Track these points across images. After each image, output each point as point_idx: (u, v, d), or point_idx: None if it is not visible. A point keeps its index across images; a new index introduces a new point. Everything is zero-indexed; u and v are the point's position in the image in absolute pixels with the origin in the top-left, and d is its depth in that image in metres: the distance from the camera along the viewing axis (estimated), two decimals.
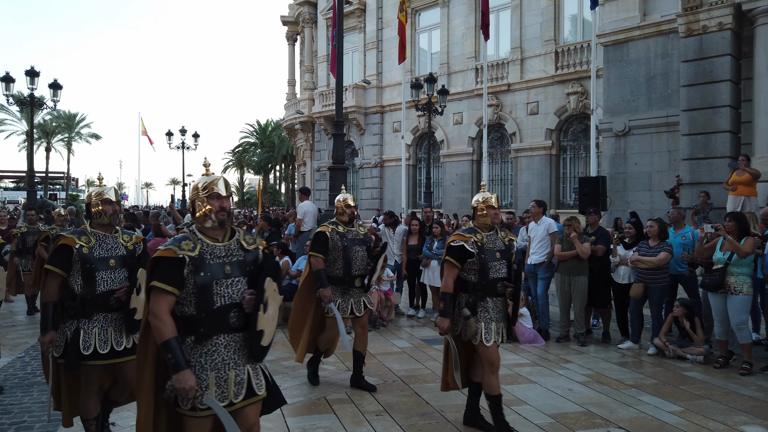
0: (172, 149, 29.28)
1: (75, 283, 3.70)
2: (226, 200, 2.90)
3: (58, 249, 3.71)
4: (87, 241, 3.73)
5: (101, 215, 3.80)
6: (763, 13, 11.02)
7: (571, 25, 18.53)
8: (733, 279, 6.08)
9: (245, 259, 2.95)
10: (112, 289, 3.73)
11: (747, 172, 9.77)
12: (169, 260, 2.76)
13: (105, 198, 3.81)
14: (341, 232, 5.43)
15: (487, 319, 4.26)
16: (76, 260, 3.69)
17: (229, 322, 2.83)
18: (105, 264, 3.74)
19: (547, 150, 18.51)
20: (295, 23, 29.85)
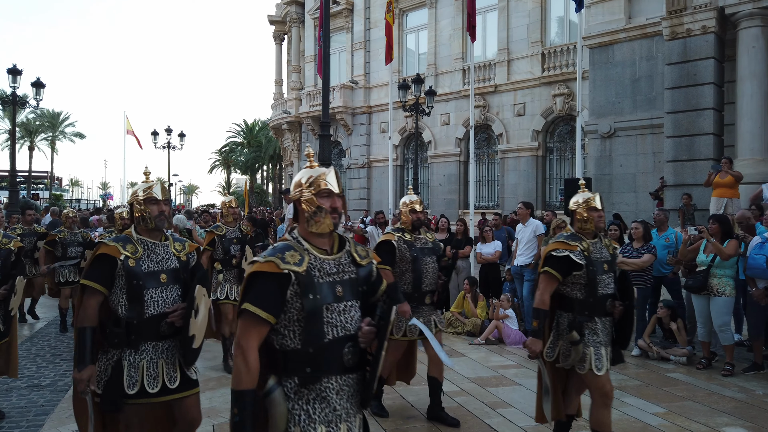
0: (157, 149, 29.03)
1: (118, 303, 3.00)
2: (337, 198, 2.28)
3: (98, 260, 3.03)
4: (133, 250, 3.04)
5: (145, 218, 3.15)
6: (746, 16, 11.14)
7: (557, 27, 18.63)
8: (716, 281, 6.14)
9: (357, 277, 2.30)
10: (163, 312, 3.03)
11: (730, 175, 9.87)
12: (269, 277, 2.12)
13: (150, 196, 3.16)
14: (409, 241, 4.70)
15: (596, 343, 3.60)
16: (120, 275, 2.99)
17: (343, 360, 2.18)
18: (155, 280, 3.04)
19: (534, 151, 18.59)
20: (282, 23, 29.72)
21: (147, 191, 3.17)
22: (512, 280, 8.32)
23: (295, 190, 2.31)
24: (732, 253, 6.06)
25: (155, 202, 3.15)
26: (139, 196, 3.17)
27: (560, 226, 7.46)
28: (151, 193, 3.17)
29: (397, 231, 4.78)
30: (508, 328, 7.52)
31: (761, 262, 5.87)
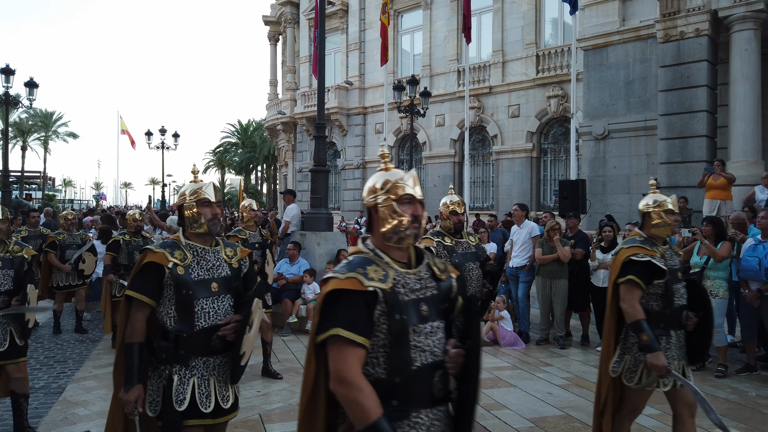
0: (151, 149, 28.93)
1: (166, 315, 2.76)
2: (418, 205, 2.05)
3: (145, 269, 2.76)
4: (182, 257, 2.78)
5: (197, 221, 2.85)
6: (738, 19, 11.22)
7: (551, 28, 18.69)
8: (709, 282, 6.17)
9: (439, 294, 2.03)
10: (215, 324, 2.77)
11: (722, 177, 9.94)
12: (354, 296, 1.86)
13: (202, 198, 2.87)
14: (450, 246, 4.31)
15: (670, 358, 3.31)
16: (168, 284, 2.74)
17: (433, 390, 1.93)
18: (206, 289, 2.78)
19: (528, 153, 18.64)
20: (277, 23, 29.68)
21: (198, 192, 2.89)
22: (507, 281, 8.34)
23: (369, 196, 2.06)
24: (725, 255, 6.10)
25: (208, 204, 2.87)
26: (187, 198, 2.89)
27: (554, 228, 7.51)
28: (203, 194, 2.88)
29: (436, 235, 4.35)
30: (503, 329, 7.54)
31: (754, 264, 5.91)
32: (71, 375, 6.10)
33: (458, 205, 4.40)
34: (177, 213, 2.99)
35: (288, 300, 8.23)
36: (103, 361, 6.67)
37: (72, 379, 5.93)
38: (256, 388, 5.65)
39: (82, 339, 7.81)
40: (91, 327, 8.58)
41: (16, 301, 4.21)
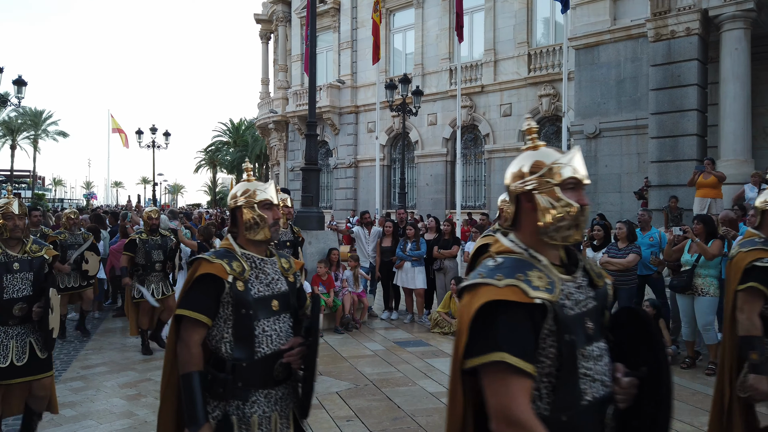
0: (142, 148, 28.73)
1: (221, 339, 2.30)
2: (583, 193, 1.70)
3: (201, 282, 2.30)
4: (240, 269, 2.32)
5: (256, 226, 2.41)
6: (728, 19, 11.28)
7: (543, 28, 18.73)
8: (700, 281, 6.18)
9: (598, 306, 1.68)
10: (278, 350, 2.33)
11: (713, 175, 9.99)
12: (517, 310, 1.49)
13: (265, 200, 2.44)
14: None
15: None
16: (225, 302, 2.30)
17: (605, 431, 1.60)
18: (266, 308, 2.35)
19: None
20: (268, 21, 29.57)
21: (257, 192, 2.45)
22: None
23: (518, 182, 1.73)
24: (716, 253, 6.12)
25: (270, 207, 2.44)
26: (255, 198, 2.43)
27: None
28: (265, 195, 2.45)
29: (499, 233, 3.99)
30: None
31: None
32: (58, 376, 6.02)
33: None
34: (229, 216, 2.55)
35: None
36: (91, 361, 6.60)
37: (59, 380, 5.85)
38: None
39: (70, 339, 7.71)
40: None
41: (38, 308, 3.72)
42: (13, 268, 3.71)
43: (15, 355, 3.66)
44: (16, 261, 3.74)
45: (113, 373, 6.14)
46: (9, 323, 3.68)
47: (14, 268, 3.71)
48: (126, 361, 6.65)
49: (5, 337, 3.68)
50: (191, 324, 2.29)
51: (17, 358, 3.67)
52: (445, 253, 8.78)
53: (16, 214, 3.73)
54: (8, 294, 3.67)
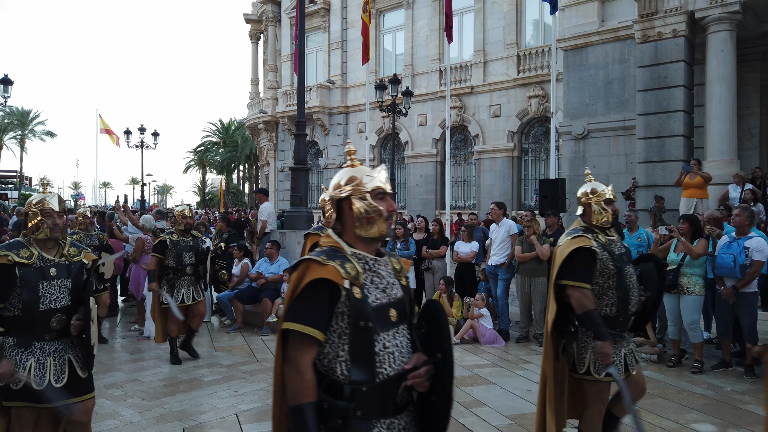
0: (130, 148, 28.51)
1: (335, 358, 1.94)
2: None
3: (312, 290, 1.91)
4: (354, 273, 1.95)
5: (369, 221, 2.03)
6: (714, 20, 11.38)
7: (532, 29, 18.82)
8: (686, 280, 6.24)
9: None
10: (401, 371, 1.95)
11: (699, 176, 10.09)
12: None
13: (377, 188, 2.07)
14: (605, 245, 3.41)
15: None
16: (340, 312, 1.93)
17: None
18: (385, 319, 1.97)
19: (509, 152, 18.75)
20: (258, 21, 29.49)
21: (366, 180, 2.08)
22: (487, 279, 8.36)
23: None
24: (701, 252, 6.17)
25: (383, 197, 2.07)
26: (366, 187, 2.06)
27: (527, 225, 7.59)
28: (378, 183, 2.08)
29: (588, 231, 3.46)
30: (482, 327, 7.56)
31: (729, 261, 5.98)
32: None
33: (610, 191, 3.55)
34: (334, 208, 2.12)
35: (267, 299, 8.16)
36: None
37: None
38: (233, 387, 5.59)
39: None
40: None
41: (78, 321, 3.22)
42: (50, 274, 3.20)
43: (53, 375, 3.15)
44: (53, 266, 3.22)
45: (99, 373, 6.07)
46: (45, 338, 3.17)
47: (51, 274, 3.20)
48: (112, 361, 6.60)
49: (42, 354, 3.16)
50: (302, 341, 1.90)
51: (56, 378, 3.15)
52: (433, 252, 8.79)
53: (55, 211, 3.22)
54: (45, 304, 3.14)
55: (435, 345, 2.02)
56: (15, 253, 3.12)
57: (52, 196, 3.27)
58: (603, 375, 3.32)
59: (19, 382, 3.04)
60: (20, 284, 3.09)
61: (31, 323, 3.11)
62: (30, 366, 3.10)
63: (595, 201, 3.49)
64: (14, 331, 3.13)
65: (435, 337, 2.06)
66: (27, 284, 3.10)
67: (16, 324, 3.12)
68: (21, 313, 3.10)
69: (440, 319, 2.11)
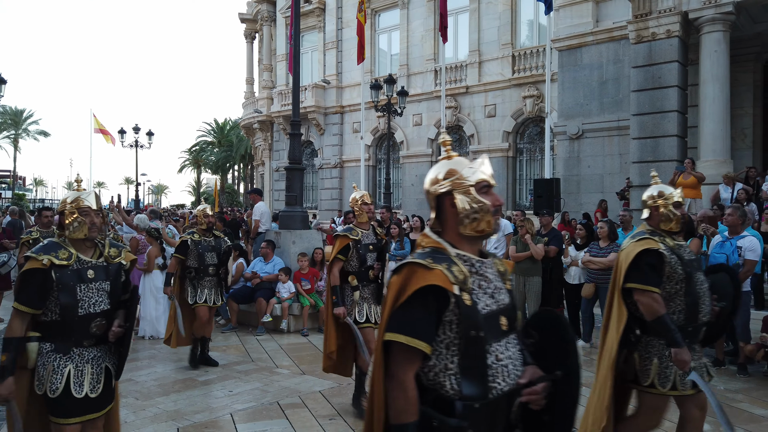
0: (125, 147, 28.42)
1: (442, 372, 1.78)
2: None
3: (420, 296, 1.74)
4: (461, 277, 1.78)
5: (474, 218, 1.87)
6: (708, 21, 11.44)
7: (527, 29, 18.86)
8: None
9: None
10: (516, 386, 1.81)
11: (692, 176, 10.14)
12: None
13: (479, 181, 1.91)
14: (673, 248, 3.22)
15: None
16: (447, 321, 1.77)
17: None
18: (495, 328, 1.82)
19: (504, 152, 18.79)
20: (253, 21, 29.45)
21: (474, 172, 1.92)
22: None
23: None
24: (695, 251, 6.20)
25: (488, 190, 1.92)
26: (469, 180, 1.90)
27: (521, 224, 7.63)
28: (483, 176, 1.92)
29: (654, 234, 3.28)
30: None
31: (722, 260, 6.01)
32: None
33: (679, 195, 3.38)
34: (432, 205, 1.94)
35: (262, 299, 8.15)
36: None
37: None
38: (228, 387, 5.58)
39: None
40: None
41: (118, 327, 3.03)
42: (88, 277, 2.99)
43: (89, 385, 2.96)
44: (90, 268, 3.01)
45: None
46: (84, 344, 2.98)
47: (89, 277, 2.99)
48: None
49: (80, 360, 2.97)
50: (408, 354, 1.73)
51: (91, 388, 2.97)
52: None
53: (93, 209, 3.01)
54: (84, 309, 2.95)
55: (553, 359, 1.88)
56: (54, 255, 2.92)
57: (88, 193, 3.07)
58: (687, 384, 3.16)
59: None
60: (57, 287, 2.90)
61: (70, 328, 2.93)
62: (68, 372, 2.92)
63: (662, 204, 3.31)
64: (51, 336, 2.95)
65: (554, 351, 1.91)
66: (64, 287, 2.91)
67: (53, 329, 2.95)
68: (59, 318, 2.93)
69: (563, 331, 1.94)
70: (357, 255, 4.88)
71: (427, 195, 1.97)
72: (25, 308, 2.88)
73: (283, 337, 7.80)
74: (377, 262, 5.04)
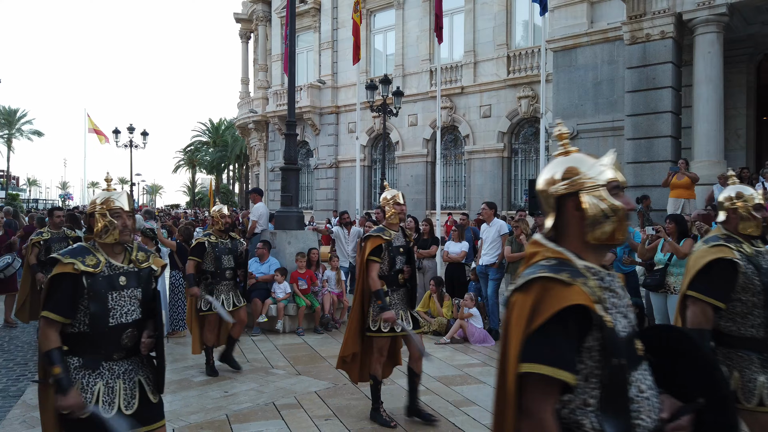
0: (119, 147, 28.31)
1: (583, 408, 1.53)
2: None
3: (562, 320, 1.48)
4: (599, 293, 1.54)
5: (603, 224, 1.63)
6: (702, 22, 11.50)
7: (522, 30, 18.91)
8: (672, 279, 6.30)
9: None
10: (659, 423, 1.57)
11: (686, 176, 10.20)
12: None
13: (608, 180, 1.67)
14: (750, 256, 2.91)
15: None
16: (589, 348, 1.53)
17: None
18: (633, 355, 1.59)
19: (499, 152, 18.83)
20: (248, 21, 29.41)
21: (601, 170, 1.68)
22: (477, 279, 8.40)
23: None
24: (688, 251, 6.23)
25: (618, 193, 1.68)
26: (598, 180, 1.66)
27: (516, 225, 7.66)
28: (612, 174, 1.69)
29: (730, 240, 2.97)
30: (472, 326, 7.60)
31: None
32: (32, 377, 5.93)
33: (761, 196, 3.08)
34: (552, 208, 1.70)
35: (258, 299, 8.15)
36: None
37: (28, 385, 5.76)
38: (223, 388, 5.58)
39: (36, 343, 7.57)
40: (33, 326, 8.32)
41: (149, 338, 2.80)
42: (120, 284, 2.77)
43: (123, 401, 2.72)
44: (122, 274, 2.79)
45: None
46: (114, 357, 2.74)
47: (121, 284, 2.77)
48: None
49: (111, 376, 2.72)
50: (548, 388, 1.48)
51: (125, 405, 2.72)
52: (423, 252, 8.82)
53: (125, 211, 2.81)
54: (115, 318, 2.71)
55: (689, 386, 1.66)
56: (81, 261, 2.69)
57: (119, 193, 2.85)
58: None
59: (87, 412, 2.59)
60: (88, 296, 2.67)
61: (100, 340, 2.69)
62: (98, 391, 2.65)
63: (741, 206, 3.02)
64: (80, 350, 2.69)
65: (689, 376, 1.68)
66: (95, 296, 2.67)
67: (82, 342, 2.69)
68: (88, 329, 2.68)
69: (702, 353, 1.70)
70: (388, 258, 4.66)
71: (543, 196, 1.71)
72: (56, 316, 2.62)
73: (278, 338, 7.80)
74: (407, 266, 4.80)
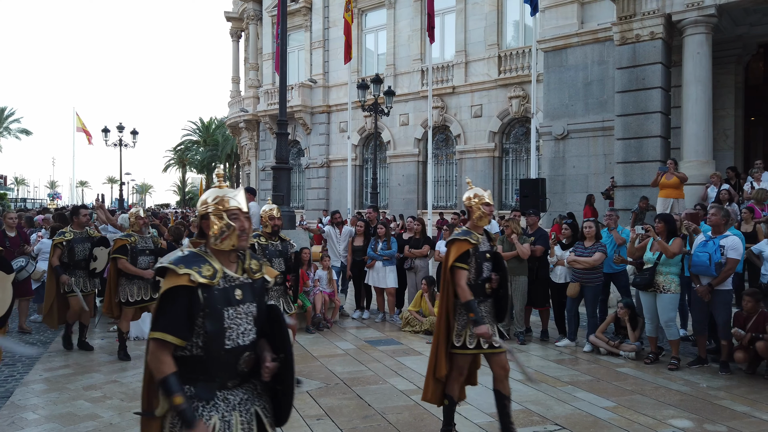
0: (108, 146, 28.11)
1: None
2: None
3: None
4: None
5: None
6: (691, 23, 11.59)
7: (513, 30, 18.97)
8: (662, 278, 6.35)
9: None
10: None
11: (675, 176, 10.27)
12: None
13: None
14: None
15: None
16: None
17: None
18: None
19: (490, 152, 18.88)
20: (239, 20, 29.29)
21: None
22: None
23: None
24: (677, 251, 6.29)
25: None
26: None
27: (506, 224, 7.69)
28: None
29: None
30: None
31: (704, 259, 6.10)
32: (20, 378, 5.87)
33: None
34: None
35: None
36: (54, 363, 6.44)
37: (21, 383, 5.71)
38: None
39: (33, 341, 7.52)
40: (42, 329, 8.23)
41: (273, 362, 2.38)
42: (236, 298, 2.35)
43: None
44: (237, 286, 2.38)
45: (77, 375, 6.01)
46: (228, 385, 2.35)
47: (237, 298, 2.36)
48: (90, 363, 6.51)
49: (226, 407, 2.32)
50: None
51: None
52: (415, 252, 8.83)
53: (242, 212, 2.41)
54: (231, 340, 2.31)
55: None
56: (197, 271, 2.27)
57: (234, 192, 2.45)
58: None
59: None
60: (203, 313, 2.26)
61: (215, 366, 2.29)
62: (214, 426, 2.26)
63: None
64: (192, 377, 2.29)
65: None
66: (212, 312, 2.26)
67: (194, 367, 2.29)
68: (202, 353, 2.28)
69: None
70: (474, 264, 4.06)
71: None
72: (172, 338, 2.22)
73: None
74: (494, 273, 4.17)
